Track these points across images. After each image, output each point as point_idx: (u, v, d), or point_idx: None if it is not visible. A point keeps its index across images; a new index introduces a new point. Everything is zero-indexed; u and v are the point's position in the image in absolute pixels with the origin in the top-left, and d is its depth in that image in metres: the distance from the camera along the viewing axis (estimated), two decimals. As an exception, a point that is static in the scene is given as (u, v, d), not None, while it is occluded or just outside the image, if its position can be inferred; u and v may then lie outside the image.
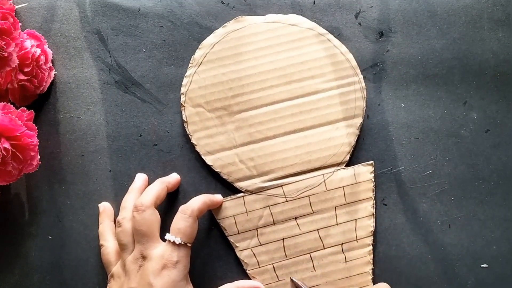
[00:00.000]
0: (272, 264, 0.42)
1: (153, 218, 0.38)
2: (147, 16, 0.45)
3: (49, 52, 0.43)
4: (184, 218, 0.38)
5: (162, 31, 0.45)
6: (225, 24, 0.44)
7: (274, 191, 0.43)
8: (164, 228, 0.40)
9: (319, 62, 0.43)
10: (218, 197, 0.42)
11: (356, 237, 0.43)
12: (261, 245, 0.42)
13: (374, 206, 0.43)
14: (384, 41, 0.45)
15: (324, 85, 0.43)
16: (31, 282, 0.42)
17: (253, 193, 0.43)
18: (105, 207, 0.42)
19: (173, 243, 0.37)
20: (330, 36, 0.44)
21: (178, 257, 0.37)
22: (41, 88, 0.42)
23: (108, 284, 0.39)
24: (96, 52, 0.44)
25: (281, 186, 0.43)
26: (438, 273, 0.43)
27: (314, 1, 0.45)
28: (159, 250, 0.37)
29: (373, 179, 0.43)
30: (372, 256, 0.43)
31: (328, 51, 0.43)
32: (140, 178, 0.42)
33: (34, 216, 0.43)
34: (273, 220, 0.42)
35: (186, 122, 0.43)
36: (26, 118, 0.39)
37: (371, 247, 0.43)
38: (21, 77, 0.40)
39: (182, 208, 0.38)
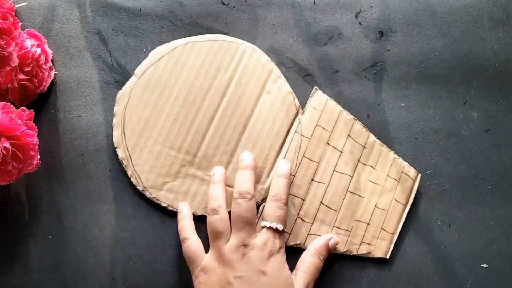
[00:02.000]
0: (334, 226, 0.43)
1: (255, 207, 0.39)
2: (148, 17, 0.44)
3: (49, 51, 0.43)
4: (281, 206, 0.39)
5: (162, 31, 0.44)
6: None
7: None
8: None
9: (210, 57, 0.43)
10: (286, 166, 0.41)
11: (362, 145, 0.43)
12: (312, 223, 0.42)
13: (348, 113, 0.44)
14: (384, 41, 0.45)
15: (227, 73, 0.43)
16: (31, 282, 0.42)
17: (266, 197, 0.42)
18: (184, 206, 0.41)
19: (276, 229, 0.38)
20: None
21: (281, 243, 0.38)
22: (41, 88, 0.42)
23: (196, 280, 0.38)
24: (96, 52, 0.44)
25: None
26: (438, 273, 0.43)
27: (314, 1, 0.45)
28: (261, 238, 0.38)
29: (327, 98, 0.43)
30: (385, 145, 0.44)
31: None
32: (220, 171, 0.42)
33: (34, 216, 0.42)
34: (301, 198, 0.43)
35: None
36: (26, 118, 0.39)
37: (378, 141, 0.44)
38: (21, 76, 0.40)
39: (276, 196, 0.39)
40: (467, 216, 0.44)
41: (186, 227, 0.40)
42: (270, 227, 0.38)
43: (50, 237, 0.43)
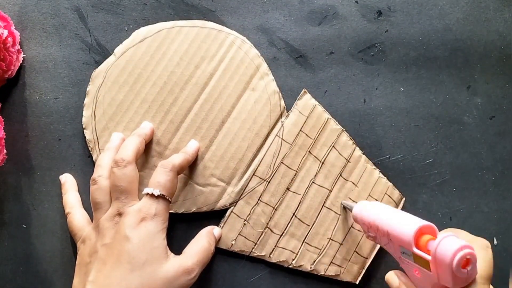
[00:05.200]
0: (304, 242, 0.41)
1: (134, 174, 0.37)
2: (130, -7, 0.43)
3: (17, 33, 0.41)
4: (165, 172, 0.37)
5: (145, 8, 0.43)
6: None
7: (251, 184, 0.41)
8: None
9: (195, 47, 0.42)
10: (194, 146, 0.40)
11: (346, 158, 0.42)
12: (282, 235, 0.41)
13: (336, 123, 0.42)
14: (383, 21, 0.44)
15: (212, 64, 0.42)
16: (3, 273, 0.41)
17: (237, 201, 0.41)
18: (67, 177, 0.41)
19: (152, 195, 0.36)
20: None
21: (156, 209, 0.35)
22: (10, 73, 0.40)
23: (78, 252, 0.37)
24: (75, 30, 0.42)
25: (253, 175, 0.41)
26: None
27: (308, -22, 0.43)
28: (137, 205, 0.36)
29: (316, 103, 0.42)
30: (371, 162, 0.42)
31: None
32: (117, 137, 0.40)
33: (7, 203, 0.41)
34: (273, 207, 0.41)
35: None
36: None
37: (364, 156, 0.42)
38: (-13, 60, 0.38)
39: (162, 162, 0.37)
40: (470, 209, 0.43)
41: (68, 201, 0.40)
42: (147, 193, 0.36)
43: (24, 226, 0.41)
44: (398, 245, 0.31)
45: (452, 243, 0.28)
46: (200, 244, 0.38)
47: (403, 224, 0.31)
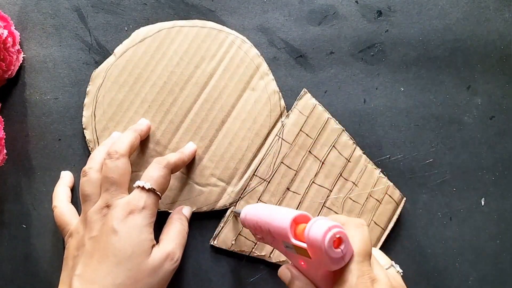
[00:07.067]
0: None
1: (126, 167, 0.36)
2: (130, -7, 0.43)
3: (17, 33, 0.41)
4: (159, 167, 0.37)
5: (145, 8, 0.43)
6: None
7: (251, 184, 0.41)
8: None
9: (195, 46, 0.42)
10: (191, 148, 0.40)
11: (346, 158, 0.42)
12: None
13: (336, 122, 0.42)
14: (383, 21, 0.44)
15: (211, 64, 0.42)
16: (3, 273, 0.41)
17: (237, 201, 0.41)
18: (65, 174, 0.41)
19: (143, 188, 0.35)
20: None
21: (146, 203, 0.35)
22: (9, 73, 0.40)
23: (65, 246, 0.36)
24: (75, 30, 0.42)
25: (253, 174, 0.41)
26: (439, 268, 0.42)
27: (308, -22, 0.43)
28: (126, 198, 0.35)
29: (316, 103, 0.42)
30: (371, 162, 0.42)
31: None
32: (117, 135, 0.40)
33: (7, 203, 0.41)
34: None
35: None
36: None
37: (364, 156, 0.42)
38: (-13, 61, 0.38)
39: (157, 159, 0.37)
40: (470, 209, 0.43)
41: (57, 195, 0.39)
42: (138, 186, 0.36)
43: (24, 226, 0.41)
44: (281, 241, 0.31)
45: (321, 225, 0.27)
46: (175, 228, 0.38)
47: (279, 218, 0.30)
